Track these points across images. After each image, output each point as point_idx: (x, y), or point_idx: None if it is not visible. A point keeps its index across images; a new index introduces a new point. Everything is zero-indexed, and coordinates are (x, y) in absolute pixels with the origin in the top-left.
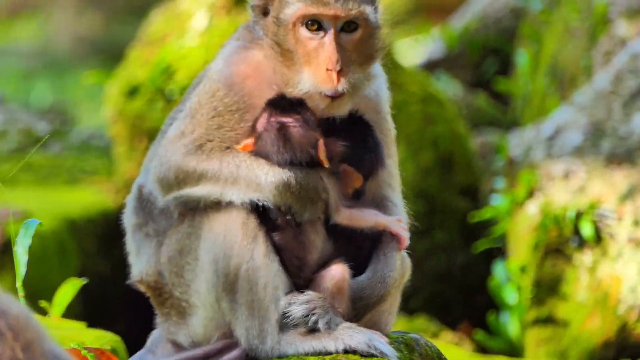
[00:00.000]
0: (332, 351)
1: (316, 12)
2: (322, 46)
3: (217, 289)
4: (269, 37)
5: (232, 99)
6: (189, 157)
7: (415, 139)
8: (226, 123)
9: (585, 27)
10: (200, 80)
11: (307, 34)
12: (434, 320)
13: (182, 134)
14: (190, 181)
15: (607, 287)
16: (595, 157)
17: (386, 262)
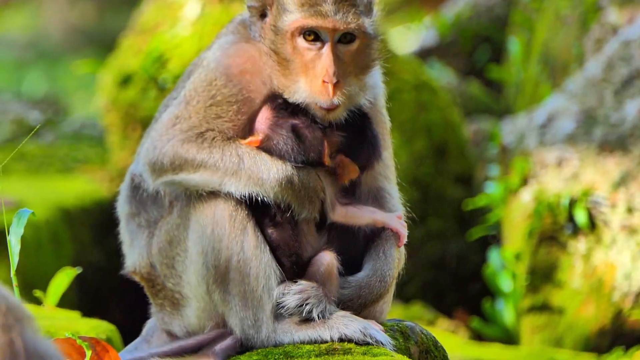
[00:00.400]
0: (328, 340)
1: (314, 24)
2: (319, 57)
3: (208, 281)
4: (267, 44)
5: (231, 90)
6: (189, 144)
7: (408, 126)
8: (224, 114)
9: (577, 15)
10: (192, 69)
11: (304, 44)
12: (430, 307)
13: (177, 118)
14: (188, 168)
15: (602, 274)
16: (588, 145)
17: (385, 260)
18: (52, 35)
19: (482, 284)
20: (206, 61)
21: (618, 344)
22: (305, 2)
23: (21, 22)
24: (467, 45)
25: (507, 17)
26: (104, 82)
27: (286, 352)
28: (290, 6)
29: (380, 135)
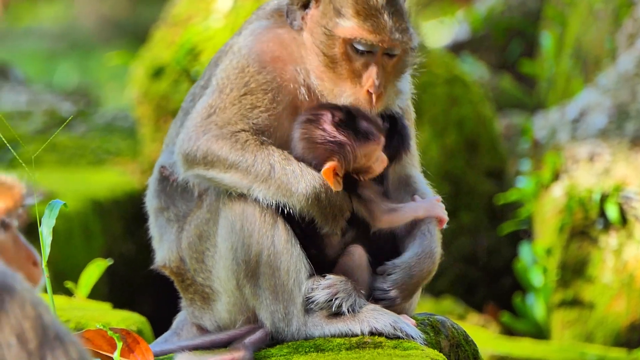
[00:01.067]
0: (358, 333)
1: (371, 39)
2: (366, 67)
3: (239, 276)
4: (313, 41)
5: (265, 77)
6: (223, 141)
7: (440, 120)
8: (259, 102)
9: (609, 10)
10: (220, 55)
11: (353, 52)
12: (460, 302)
13: (211, 107)
14: (220, 166)
15: (633, 269)
16: (620, 140)
17: (431, 238)
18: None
19: (513, 278)
20: (237, 47)
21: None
22: (362, 12)
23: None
24: (500, 39)
25: (539, 12)
26: (136, 74)
27: (317, 345)
28: (346, 11)
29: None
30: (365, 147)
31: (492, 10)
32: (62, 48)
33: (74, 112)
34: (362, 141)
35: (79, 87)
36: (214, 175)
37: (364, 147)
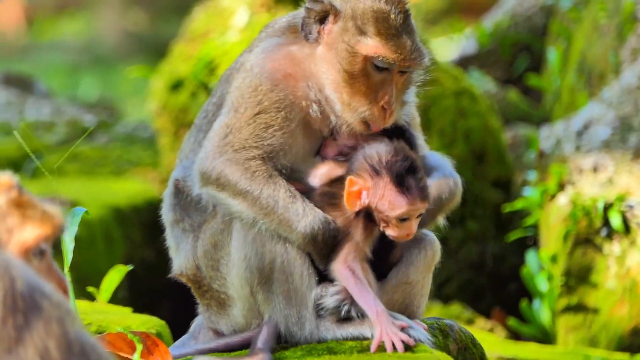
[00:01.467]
0: (369, 337)
1: (390, 56)
2: (382, 83)
3: (252, 283)
4: (329, 61)
5: (277, 94)
6: (235, 166)
7: (449, 131)
8: (273, 121)
9: (614, 25)
10: (230, 73)
11: (372, 69)
12: (468, 307)
13: (228, 127)
14: (229, 191)
15: (636, 275)
16: (623, 151)
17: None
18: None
19: (519, 284)
20: (249, 64)
21: None
22: (384, 32)
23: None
24: (506, 54)
25: (545, 27)
26: (156, 87)
27: (329, 348)
28: (368, 29)
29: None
30: (396, 195)
31: (498, 25)
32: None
33: (96, 123)
34: (398, 189)
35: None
36: (224, 198)
37: (395, 195)
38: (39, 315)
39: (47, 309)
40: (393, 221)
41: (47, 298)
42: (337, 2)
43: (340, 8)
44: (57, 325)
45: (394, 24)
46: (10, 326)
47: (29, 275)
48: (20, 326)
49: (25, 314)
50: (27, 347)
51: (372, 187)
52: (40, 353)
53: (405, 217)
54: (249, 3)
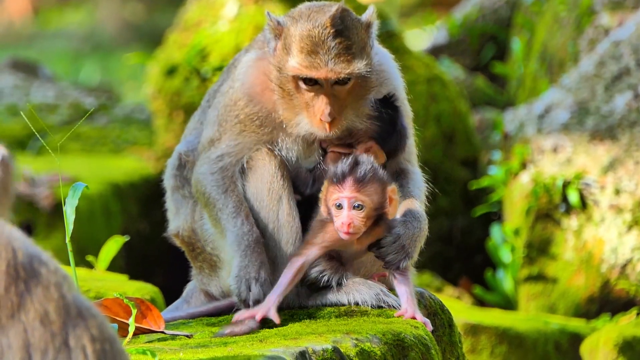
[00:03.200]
0: (345, 303)
1: (310, 74)
2: (317, 97)
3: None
4: (273, 78)
5: (252, 109)
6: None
7: (421, 115)
8: (247, 128)
9: (573, 18)
10: (230, 68)
11: (304, 86)
12: (437, 276)
13: (211, 140)
14: (202, 200)
15: (591, 248)
16: (581, 133)
17: (418, 211)
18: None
19: (485, 255)
20: (236, 73)
21: (605, 310)
22: (304, 50)
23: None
24: (474, 43)
25: (510, 19)
26: (152, 73)
27: (310, 314)
28: (293, 50)
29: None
30: (332, 185)
31: (467, 17)
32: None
33: (97, 105)
34: (334, 180)
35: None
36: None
37: (332, 186)
38: (38, 282)
39: (45, 276)
40: (332, 210)
41: (45, 265)
42: (282, 20)
43: (283, 25)
44: (55, 290)
45: (315, 40)
46: (13, 293)
47: (28, 245)
48: (21, 292)
49: (26, 281)
50: (28, 311)
51: (325, 190)
52: (41, 316)
53: (338, 202)
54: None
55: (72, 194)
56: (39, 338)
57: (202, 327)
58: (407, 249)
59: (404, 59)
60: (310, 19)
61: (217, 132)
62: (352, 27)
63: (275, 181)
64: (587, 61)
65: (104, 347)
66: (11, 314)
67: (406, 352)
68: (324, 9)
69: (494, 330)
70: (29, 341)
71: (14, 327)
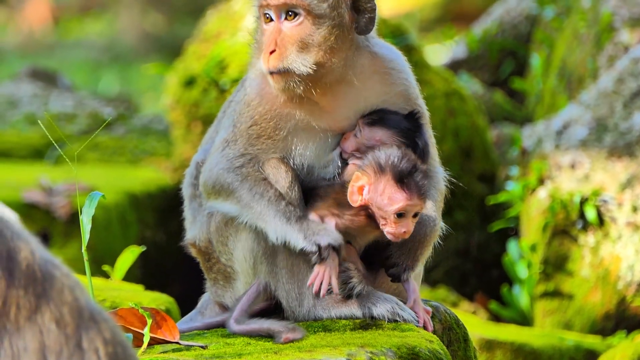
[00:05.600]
0: (360, 317)
1: (257, 2)
2: (270, 34)
3: (256, 255)
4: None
5: (264, 107)
6: (228, 174)
7: (439, 129)
8: (263, 131)
9: (592, 34)
10: (245, 78)
11: (264, 26)
12: (453, 291)
13: (226, 141)
14: (224, 195)
15: (608, 265)
16: (599, 150)
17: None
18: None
19: (501, 271)
20: (248, 81)
21: (621, 327)
22: None
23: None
24: (493, 58)
25: (530, 35)
26: (171, 83)
27: (324, 326)
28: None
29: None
30: (396, 191)
31: (487, 32)
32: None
33: (115, 115)
34: (398, 185)
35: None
36: (221, 204)
37: (395, 190)
38: (53, 284)
39: (59, 279)
40: (391, 217)
41: (58, 269)
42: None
43: None
44: (69, 293)
45: None
46: (31, 294)
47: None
48: (38, 294)
49: (42, 283)
50: (44, 313)
51: (374, 183)
52: (56, 319)
53: (402, 212)
54: None
55: (89, 204)
56: (54, 340)
57: (217, 338)
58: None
59: (422, 74)
60: None
61: (232, 134)
62: None
63: (291, 190)
64: (606, 78)
65: (116, 350)
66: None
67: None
68: None
69: (509, 345)
70: (44, 343)
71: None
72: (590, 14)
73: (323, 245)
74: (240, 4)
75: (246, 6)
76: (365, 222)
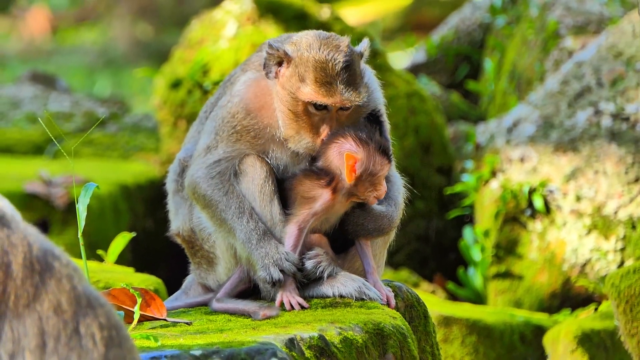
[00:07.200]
0: (330, 295)
1: (324, 101)
2: (322, 120)
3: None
4: (280, 97)
5: (249, 122)
6: (206, 180)
7: (401, 126)
8: (243, 138)
9: (540, 41)
10: (226, 83)
11: (313, 110)
12: (414, 273)
13: (208, 147)
14: (200, 203)
15: (554, 248)
16: (546, 145)
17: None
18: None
19: (457, 254)
20: (235, 90)
21: (566, 305)
22: (319, 80)
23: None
24: (450, 63)
25: (483, 41)
26: (159, 86)
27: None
28: (307, 79)
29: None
30: (382, 157)
31: (444, 39)
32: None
33: (108, 114)
34: (382, 153)
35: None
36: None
37: (381, 157)
38: (52, 275)
39: (58, 269)
40: (381, 181)
41: (58, 259)
42: (290, 50)
43: (291, 55)
44: (67, 282)
45: (330, 72)
46: (29, 284)
47: (42, 240)
48: (36, 284)
49: (40, 273)
50: (42, 301)
51: (365, 156)
52: (54, 306)
53: (386, 175)
54: (237, 17)
55: (85, 194)
56: (53, 326)
57: (201, 316)
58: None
59: (386, 76)
60: (322, 50)
61: (213, 140)
62: (355, 60)
63: (267, 184)
64: (552, 80)
65: (111, 334)
66: (27, 304)
67: (385, 340)
68: (332, 41)
69: (464, 322)
70: (43, 329)
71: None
72: (538, 22)
73: (275, 279)
74: (221, 13)
75: (227, 15)
76: (334, 201)
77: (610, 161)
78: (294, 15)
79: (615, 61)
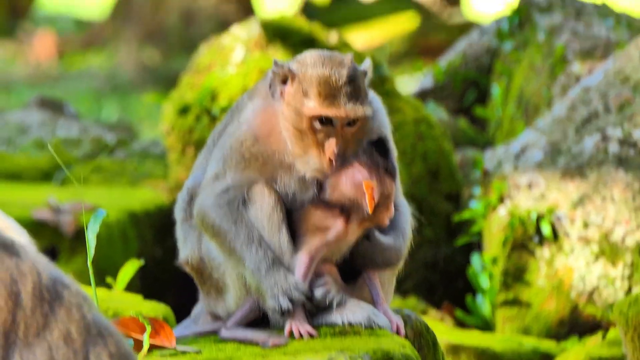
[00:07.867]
0: (339, 324)
1: (328, 113)
2: (328, 137)
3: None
4: (285, 116)
5: (258, 149)
6: (215, 209)
7: (409, 152)
8: (252, 165)
9: (547, 66)
10: (235, 110)
11: (318, 126)
12: (422, 300)
13: (216, 176)
14: (209, 232)
15: (562, 275)
16: (553, 171)
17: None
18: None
19: (466, 281)
20: (243, 117)
21: (574, 332)
22: (323, 94)
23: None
24: (457, 88)
25: (490, 66)
26: (166, 111)
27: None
28: (311, 94)
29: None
30: (389, 180)
31: (451, 64)
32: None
33: (116, 141)
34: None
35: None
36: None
37: (390, 180)
38: (62, 304)
39: (67, 298)
40: (392, 200)
41: (67, 288)
42: (294, 67)
43: (295, 72)
44: (77, 311)
45: (334, 85)
46: (39, 314)
47: (52, 269)
48: (46, 313)
49: (50, 303)
50: (52, 331)
51: (376, 182)
52: (64, 336)
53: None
54: (245, 42)
55: (94, 221)
56: (63, 355)
57: (210, 344)
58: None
59: (394, 102)
60: (325, 66)
61: (222, 169)
62: (359, 76)
63: (275, 212)
64: (559, 105)
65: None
66: (37, 333)
67: None
68: (335, 57)
69: (473, 350)
70: (53, 358)
71: (40, 345)
72: (545, 47)
73: (284, 309)
74: (229, 39)
75: (235, 41)
76: (347, 231)
77: (618, 187)
78: (302, 40)
79: (622, 86)
